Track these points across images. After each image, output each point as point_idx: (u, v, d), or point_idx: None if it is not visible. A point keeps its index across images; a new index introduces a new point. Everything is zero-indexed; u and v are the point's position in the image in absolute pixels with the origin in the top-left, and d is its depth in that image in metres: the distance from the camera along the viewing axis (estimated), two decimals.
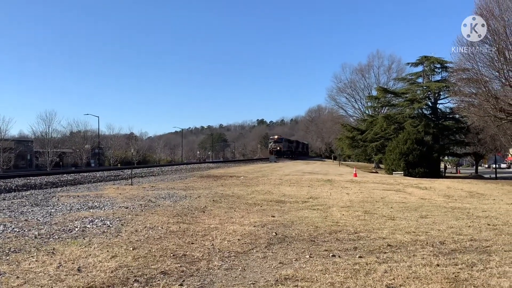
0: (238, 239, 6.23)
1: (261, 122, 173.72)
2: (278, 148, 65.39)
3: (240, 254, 5.40)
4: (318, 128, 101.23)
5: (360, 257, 5.25)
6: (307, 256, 5.29)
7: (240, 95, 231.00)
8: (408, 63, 44.53)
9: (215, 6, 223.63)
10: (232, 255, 5.35)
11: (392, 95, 44.76)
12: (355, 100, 66.31)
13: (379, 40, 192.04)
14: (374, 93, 53.91)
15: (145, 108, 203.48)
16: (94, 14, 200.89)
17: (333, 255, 5.35)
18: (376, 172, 39.13)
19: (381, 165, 49.11)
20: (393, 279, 4.33)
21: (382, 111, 49.73)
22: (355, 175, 25.84)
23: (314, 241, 6.27)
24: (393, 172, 32.56)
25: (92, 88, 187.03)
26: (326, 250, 5.64)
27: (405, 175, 30.12)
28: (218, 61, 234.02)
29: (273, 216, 8.57)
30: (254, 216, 8.62)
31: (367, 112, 59.51)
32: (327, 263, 4.93)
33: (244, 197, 11.96)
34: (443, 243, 6.21)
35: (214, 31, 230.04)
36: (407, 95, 40.93)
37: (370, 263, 4.92)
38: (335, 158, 67.29)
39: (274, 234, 6.68)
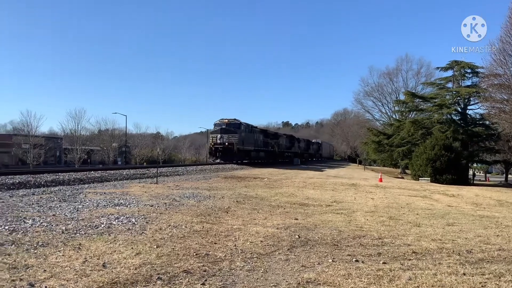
0: (261, 241, 6.23)
1: (286, 124, 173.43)
2: (227, 143, 34.46)
3: (263, 256, 5.39)
4: (344, 132, 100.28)
5: (384, 263, 5.18)
6: (330, 260, 5.25)
7: (266, 96, 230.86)
8: (438, 68, 43.63)
9: (243, 12, 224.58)
10: (254, 256, 5.35)
11: (421, 100, 43.95)
12: (382, 104, 65.40)
13: (408, 44, 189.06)
14: (402, 97, 53.14)
15: (171, 108, 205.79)
16: (125, 19, 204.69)
17: (357, 260, 5.29)
18: (402, 178, 38.50)
19: (407, 171, 48.31)
20: (418, 286, 4.25)
21: (410, 115, 48.90)
22: (381, 180, 25.50)
23: (337, 245, 6.22)
24: (420, 178, 31.97)
25: (121, 87, 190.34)
26: (349, 255, 5.58)
27: (432, 181, 29.52)
28: (244, 63, 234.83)
29: (296, 219, 8.54)
30: (277, 218, 8.60)
31: (394, 116, 58.72)
32: (350, 268, 4.87)
33: (267, 199, 11.95)
34: (470, 252, 6.06)
35: (240, 35, 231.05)
36: (436, 100, 40.06)
37: (394, 270, 4.84)
38: (360, 162, 66.55)
39: (297, 236, 6.65)
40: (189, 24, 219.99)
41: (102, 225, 6.77)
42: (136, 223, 7.14)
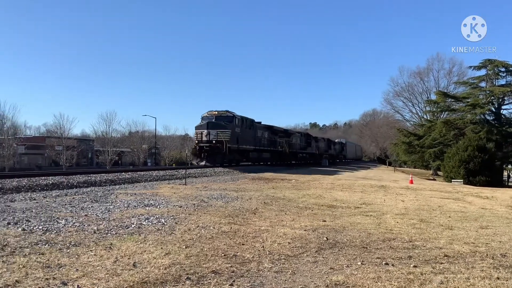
0: (289, 242, 6.21)
1: (313, 125, 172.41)
2: (215, 141, 27.50)
3: (290, 258, 5.37)
4: (373, 133, 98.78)
5: (414, 266, 5.07)
6: (359, 263, 5.18)
7: (293, 97, 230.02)
8: (470, 67, 42.49)
9: (273, 14, 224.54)
10: (282, 258, 5.34)
11: (453, 100, 42.95)
12: (413, 105, 64.31)
13: (439, 43, 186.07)
14: (433, 97, 52.04)
15: (199, 110, 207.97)
16: (154, 22, 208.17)
17: (386, 263, 5.20)
18: (434, 180, 37.71)
19: (439, 172, 47.21)
20: None
21: (441, 116, 47.85)
22: (411, 181, 25.03)
23: (366, 248, 6.13)
24: (452, 180, 31.18)
25: (150, 89, 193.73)
26: (378, 258, 5.50)
27: (465, 183, 28.76)
28: (270, 64, 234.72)
29: (324, 221, 8.47)
30: (305, 220, 8.56)
31: (425, 116, 57.60)
32: (380, 271, 4.80)
33: (295, 201, 11.91)
34: (505, 255, 5.87)
35: (267, 35, 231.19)
36: (469, 100, 39.06)
37: (425, 273, 4.73)
38: (389, 164, 65.46)
39: (325, 239, 6.60)
40: (216, 27, 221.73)
41: (133, 225, 6.90)
42: (165, 223, 7.24)
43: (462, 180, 29.57)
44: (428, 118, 52.19)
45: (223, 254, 5.30)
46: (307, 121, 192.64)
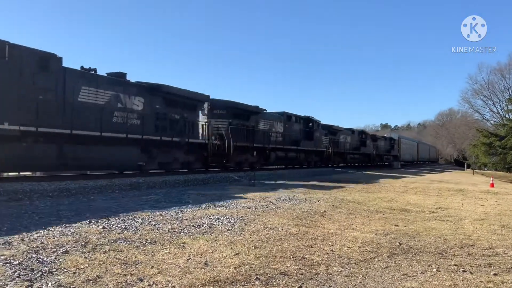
0: (359, 246, 6.08)
1: (384, 126, 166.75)
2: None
3: (361, 262, 5.26)
4: (449, 133, 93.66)
5: (495, 274, 4.76)
6: (434, 270, 4.95)
7: (363, 97, 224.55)
8: None
9: (345, 16, 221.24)
10: (352, 262, 5.24)
11: None
12: (493, 103, 60.32)
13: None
14: None
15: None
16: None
17: (464, 271, 4.92)
18: None
19: None
20: None
21: None
22: (492, 185, 23.44)
23: (442, 254, 5.85)
24: None
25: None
26: (455, 265, 5.22)
27: None
28: (340, 64, 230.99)
29: (397, 225, 8.19)
30: (376, 223, 8.33)
31: (507, 116, 53.68)
32: (457, 279, 4.56)
33: (365, 204, 11.62)
34: None
35: (337, 36, 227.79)
36: None
37: (506, 282, 4.43)
38: (468, 166, 61.89)
39: (397, 244, 6.38)
40: (284, 23, 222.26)
41: (204, 225, 7.11)
42: (235, 224, 7.38)
43: None
44: (511, 118, 48.65)
45: (291, 256, 5.31)
46: (377, 122, 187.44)
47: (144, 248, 5.38)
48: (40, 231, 5.95)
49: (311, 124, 32.03)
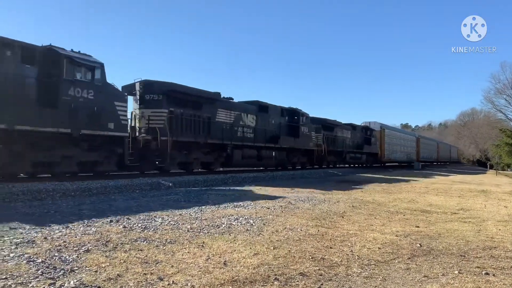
0: (379, 248, 6.02)
1: (404, 126, 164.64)
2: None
3: (381, 263, 5.20)
4: (472, 133, 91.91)
5: None
6: (456, 272, 4.87)
7: (382, 97, 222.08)
8: None
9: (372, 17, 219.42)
10: (372, 263, 5.19)
11: None
12: None
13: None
14: None
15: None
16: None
17: (487, 273, 4.83)
18: None
19: None
20: None
21: None
22: None
23: (464, 256, 5.74)
24: None
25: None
26: (478, 267, 5.12)
27: None
28: (360, 64, 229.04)
29: (418, 227, 8.08)
30: (396, 225, 8.23)
31: None
32: (479, 281, 4.47)
33: (385, 205, 11.50)
34: None
35: (354, 39, 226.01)
36: None
37: None
38: (491, 167, 60.67)
39: (418, 245, 6.29)
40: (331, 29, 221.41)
41: (223, 225, 7.14)
42: (253, 224, 7.38)
43: None
44: None
45: (310, 257, 5.29)
46: (397, 122, 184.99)
47: (164, 248, 5.43)
48: (63, 230, 6.07)
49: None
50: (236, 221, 7.60)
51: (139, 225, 6.78)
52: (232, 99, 22.34)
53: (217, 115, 20.13)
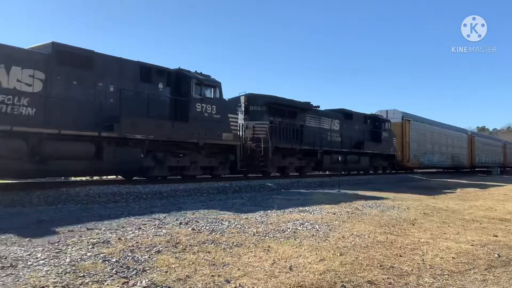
0: (453, 257, 5.71)
1: (481, 129, 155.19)
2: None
3: (455, 274, 4.94)
4: None
5: None
6: None
7: (457, 98, 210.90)
8: None
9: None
10: (445, 273, 4.94)
11: None
12: None
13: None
14: None
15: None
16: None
17: None
18: None
19: None
20: None
21: None
22: None
23: None
24: None
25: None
26: None
27: None
28: (433, 62, 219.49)
29: (496, 236, 7.57)
30: (472, 233, 7.78)
31: None
32: None
33: (460, 212, 10.90)
34: None
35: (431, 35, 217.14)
36: None
37: None
38: None
39: (496, 255, 5.90)
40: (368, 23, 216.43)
41: (288, 230, 7.13)
42: (319, 229, 7.31)
43: None
44: None
45: (379, 265, 5.14)
46: (473, 124, 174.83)
47: (231, 250, 5.53)
48: (136, 231, 6.37)
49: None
50: (301, 226, 7.57)
51: (207, 227, 6.95)
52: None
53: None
